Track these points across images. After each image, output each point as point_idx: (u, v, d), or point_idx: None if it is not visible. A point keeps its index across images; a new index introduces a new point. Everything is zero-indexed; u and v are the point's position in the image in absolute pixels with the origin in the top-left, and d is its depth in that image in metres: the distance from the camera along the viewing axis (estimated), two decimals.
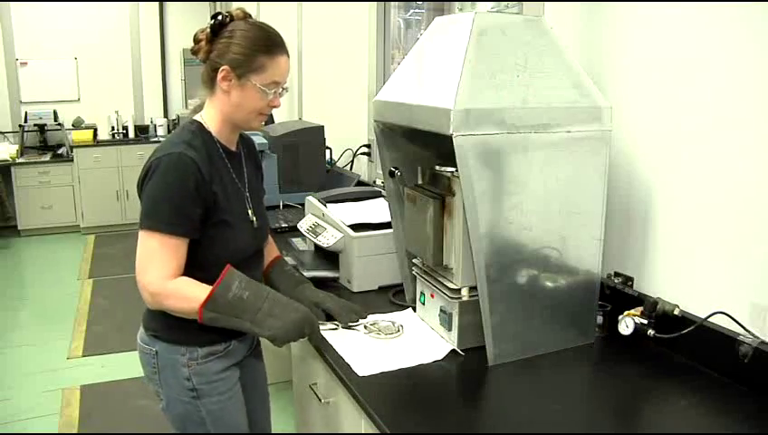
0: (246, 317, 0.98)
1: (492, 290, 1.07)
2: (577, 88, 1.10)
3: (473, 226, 1.04)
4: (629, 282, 1.25)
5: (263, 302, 0.98)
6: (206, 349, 1.12)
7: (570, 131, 1.09)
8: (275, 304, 0.99)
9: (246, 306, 0.98)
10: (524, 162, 1.06)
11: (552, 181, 1.09)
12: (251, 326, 0.99)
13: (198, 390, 1.12)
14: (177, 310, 1.02)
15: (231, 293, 0.97)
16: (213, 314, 0.98)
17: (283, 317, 0.97)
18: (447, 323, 1.17)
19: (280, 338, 0.99)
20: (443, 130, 1.01)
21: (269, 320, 0.98)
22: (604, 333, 1.23)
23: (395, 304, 1.41)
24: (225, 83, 1.06)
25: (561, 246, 1.13)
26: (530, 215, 1.08)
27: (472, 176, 1.02)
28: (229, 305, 0.98)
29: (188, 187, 1.01)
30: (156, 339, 1.12)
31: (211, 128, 1.10)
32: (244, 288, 0.99)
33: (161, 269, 1.00)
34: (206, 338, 1.12)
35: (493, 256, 1.06)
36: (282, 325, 0.97)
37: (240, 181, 1.14)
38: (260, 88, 1.05)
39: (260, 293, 1.00)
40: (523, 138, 1.05)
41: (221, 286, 0.98)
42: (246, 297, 0.98)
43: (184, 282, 1.02)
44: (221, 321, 0.99)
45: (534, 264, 1.11)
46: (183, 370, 1.12)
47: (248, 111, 1.07)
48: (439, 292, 1.20)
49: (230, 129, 1.12)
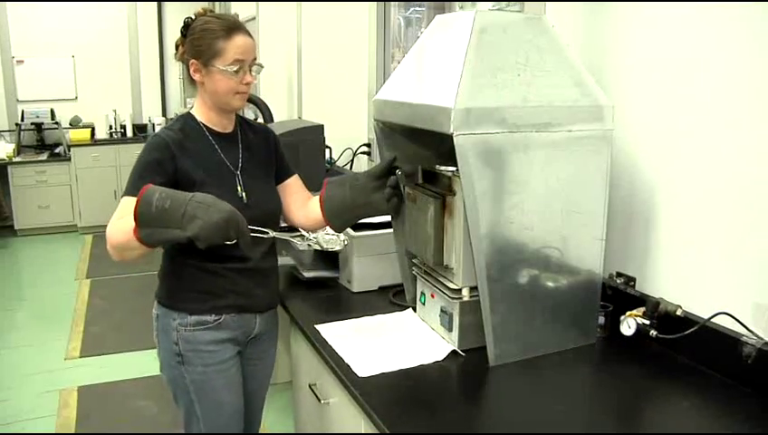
0: (174, 225, 0.99)
1: (493, 290, 1.08)
2: (578, 87, 1.10)
3: (473, 225, 1.04)
4: (631, 282, 1.25)
5: (185, 206, 0.98)
6: (195, 317, 1.21)
7: (571, 130, 1.09)
8: (198, 206, 0.98)
9: (171, 215, 0.98)
10: (525, 161, 1.06)
11: (553, 181, 1.09)
12: (180, 233, 0.99)
13: (184, 356, 1.21)
14: (124, 245, 1.04)
15: (153, 206, 0.98)
16: (148, 231, 1.00)
17: (205, 217, 0.97)
18: (448, 324, 1.18)
19: (201, 237, 0.97)
20: (443, 129, 1.01)
21: (192, 222, 0.97)
22: (606, 334, 1.23)
23: (395, 304, 1.42)
24: (197, 75, 1.18)
25: (563, 245, 1.13)
26: (531, 214, 1.08)
27: (473, 175, 1.02)
28: (156, 219, 0.99)
29: (151, 159, 1.13)
30: (159, 304, 1.25)
31: (199, 116, 1.22)
32: (165, 198, 0.99)
33: (111, 224, 1.08)
34: (196, 307, 1.20)
35: (493, 256, 1.07)
36: (202, 225, 0.97)
37: (230, 160, 1.22)
38: (223, 70, 1.15)
39: (182, 198, 1.00)
40: (524, 137, 1.05)
41: (141, 204, 0.99)
42: (168, 206, 0.98)
43: (122, 220, 1.06)
44: (156, 235, 1.00)
45: (535, 264, 1.11)
46: (173, 334, 1.21)
47: (223, 94, 1.17)
48: (440, 292, 1.21)
49: (218, 114, 1.22)
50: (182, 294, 1.21)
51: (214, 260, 1.19)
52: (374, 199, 1.19)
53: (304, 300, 1.45)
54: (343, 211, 1.23)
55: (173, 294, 1.22)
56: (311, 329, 1.27)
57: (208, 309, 1.21)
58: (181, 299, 1.21)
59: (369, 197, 1.19)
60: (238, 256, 1.21)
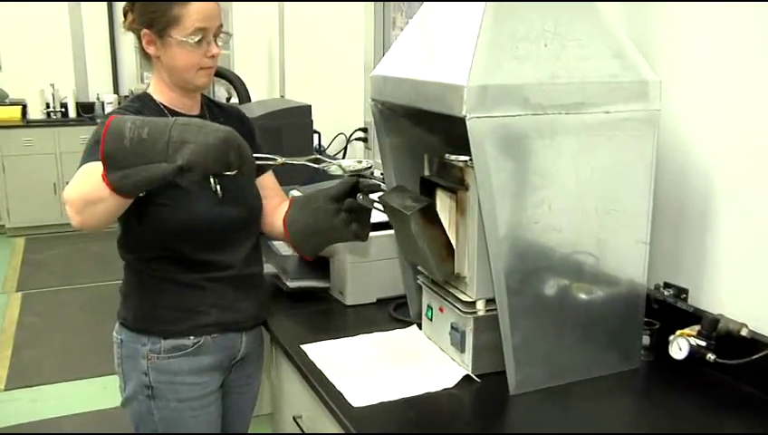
0: (157, 157, 0.92)
1: (513, 303, 1.11)
2: (618, 58, 1.13)
3: (490, 226, 1.08)
4: (683, 294, 1.29)
5: (168, 130, 0.92)
6: (170, 341, 1.22)
7: (609, 112, 1.12)
8: (186, 128, 0.93)
9: (151, 145, 0.92)
10: (553, 149, 1.10)
11: (586, 172, 1.13)
12: (166, 166, 0.92)
13: (155, 388, 1.22)
14: (87, 197, 0.98)
15: (126, 139, 0.92)
16: (120, 173, 0.93)
17: (198, 139, 0.92)
18: (460, 343, 1.21)
19: (195, 165, 0.92)
20: (454, 111, 1.04)
21: (181, 148, 0.91)
22: (651, 357, 1.26)
23: (397, 319, 1.45)
24: (151, 48, 1.19)
25: (598, 250, 1.16)
26: (559, 213, 1.12)
27: (489, 166, 1.05)
28: (132, 153, 0.92)
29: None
30: (123, 327, 1.26)
31: (158, 96, 1.25)
32: (140, 126, 0.93)
33: (69, 185, 1.03)
34: (171, 328, 1.22)
35: (514, 263, 1.10)
36: (195, 149, 0.91)
37: None
38: (182, 41, 1.15)
39: (162, 123, 0.94)
40: (552, 120, 1.08)
41: (109, 138, 0.93)
42: (147, 134, 0.92)
43: (85, 166, 1.03)
44: (133, 175, 0.93)
45: (565, 272, 1.14)
46: (142, 362, 1.22)
47: (184, 70, 1.19)
48: (450, 305, 1.24)
49: (180, 93, 1.25)
50: (153, 314, 1.24)
51: (190, 270, 1.23)
52: (336, 225, 1.20)
53: (288, 315, 1.48)
54: (310, 236, 1.26)
55: (142, 315, 1.24)
56: (295, 350, 1.30)
57: (186, 330, 1.23)
58: (152, 320, 1.24)
59: (331, 221, 1.21)
60: (218, 263, 1.24)
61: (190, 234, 1.21)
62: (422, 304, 1.36)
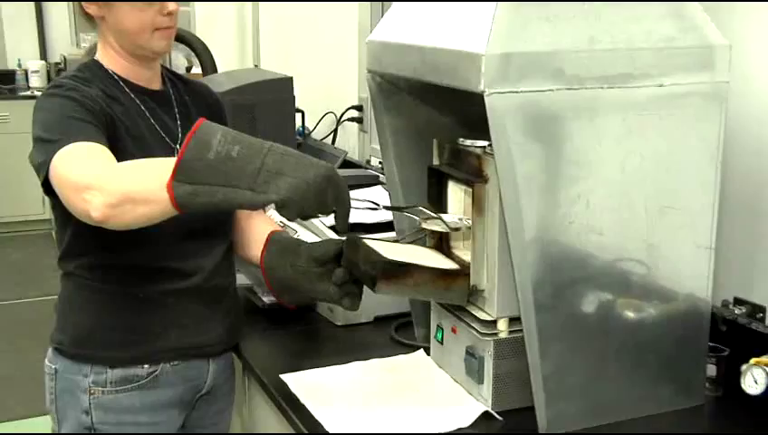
0: (243, 182, 0.99)
1: (543, 323, 1.12)
2: (675, 18, 1.14)
3: (515, 227, 1.09)
4: (759, 313, 1.30)
5: (263, 156, 0.99)
6: (119, 371, 1.23)
7: (663, 85, 1.13)
8: (285, 158, 1.00)
9: (240, 166, 0.99)
10: (593, 132, 1.11)
11: (634, 161, 1.14)
12: (252, 196, 0.99)
13: (97, 430, 1.22)
14: (134, 194, 1.03)
15: (212, 151, 0.99)
16: (189, 188, 0.99)
17: (297, 174, 0.99)
18: (477, 373, 1.23)
19: (290, 201, 0.99)
20: (470, 85, 1.05)
21: (276, 180, 0.98)
22: (718, 392, 1.27)
23: (399, 342, 1.47)
24: (92, 8, 1.22)
25: (649, 257, 1.18)
26: (600, 211, 1.13)
27: (513, 153, 1.07)
28: (213, 170, 0.99)
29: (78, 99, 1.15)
30: (58, 354, 1.27)
31: (110, 65, 1.27)
32: (231, 142, 1.00)
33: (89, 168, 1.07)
34: (120, 355, 1.22)
35: (545, 273, 1.11)
36: (294, 184, 0.98)
37: (165, 131, 1.28)
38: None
39: (257, 146, 1.01)
40: (592, 96, 1.10)
41: (193, 143, 0.99)
42: (238, 154, 0.99)
43: (138, 163, 1.09)
44: (205, 196, 0.99)
45: (608, 284, 1.16)
46: (82, 398, 1.23)
47: (135, 33, 1.22)
48: (465, 325, 1.25)
49: (134, 62, 1.27)
50: (98, 337, 1.25)
51: (146, 280, 1.24)
52: (321, 291, 1.22)
53: (265, 338, 1.50)
54: (291, 290, 1.28)
55: (83, 337, 1.25)
56: (274, 380, 1.32)
57: (140, 357, 1.25)
58: (97, 344, 1.24)
59: (314, 285, 1.23)
60: (180, 272, 1.26)
61: (149, 236, 1.21)
62: (431, 324, 1.38)
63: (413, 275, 1.18)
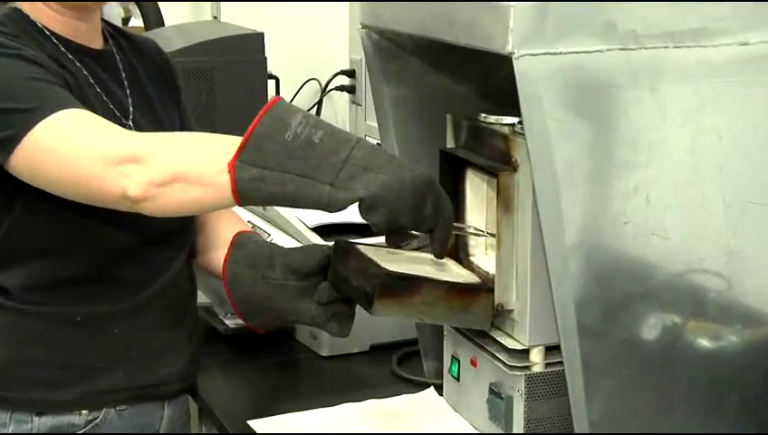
0: (323, 174, 1.03)
1: (590, 353, 1.12)
2: None
3: (553, 229, 1.09)
4: None
5: (351, 147, 1.04)
6: (48, 419, 1.23)
7: (748, 43, 1.14)
8: (375, 153, 1.06)
9: (322, 154, 1.03)
10: (654, 105, 1.11)
11: (709, 142, 1.14)
12: (332, 191, 1.02)
13: None
14: (186, 173, 1.07)
15: (290, 132, 1.04)
16: (256, 172, 1.03)
17: (391, 171, 1.03)
18: (504, 417, 1.24)
19: (382, 200, 1.02)
20: (495, 45, 1.06)
21: (365, 176, 1.02)
22: None
23: (402, 378, 1.48)
24: None
25: (729, 268, 1.18)
26: (665, 208, 1.14)
27: (550, 133, 1.07)
28: (288, 154, 1.03)
29: (29, 58, 1.17)
30: None
31: (39, 17, 1.26)
32: (314, 125, 1.05)
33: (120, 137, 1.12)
34: (50, 397, 1.22)
35: (591, 288, 1.12)
36: (387, 181, 1.02)
37: (112, 99, 1.29)
38: None
39: (343, 135, 1.07)
40: (653, 58, 1.10)
41: (268, 119, 1.05)
42: (321, 139, 1.04)
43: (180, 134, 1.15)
44: (271, 183, 1.03)
45: (675, 303, 1.16)
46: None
47: None
48: (488, 356, 1.26)
49: (66, 13, 1.26)
50: (18, 374, 1.23)
51: (85, 298, 1.24)
52: (301, 311, 1.24)
53: (228, 374, 1.52)
54: (262, 310, 1.29)
55: (2, 376, 1.24)
56: (239, 428, 1.33)
57: (76, 401, 1.24)
58: (16, 384, 1.23)
59: (292, 303, 1.24)
60: (129, 285, 1.27)
61: (90, 243, 1.22)
62: (443, 355, 1.39)
63: (421, 291, 1.19)
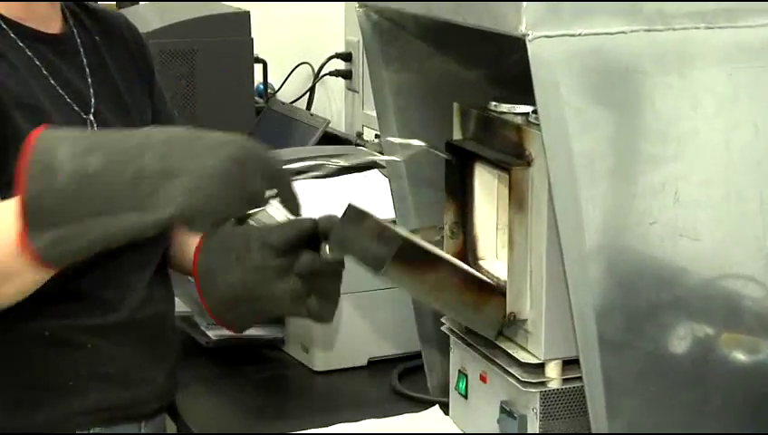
0: (120, 202, 0.97)
1: (612, 367, 1.12)
2: None
3: (571, 229, 1.09)
4: None
5: (139, 156, 0.97)
6: None
7: None
8: (170, 148, 0.98)
9: (107, 181, 0.97)
10: (684, 93, 1.12)
11: (744, 134, 1.15)
12: (139, 218, 0.97)
13: None
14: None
15: (60, 172, 0.96)
16: (51, 234, 0.96)
17: (192, 167, 0.96)
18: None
19: (194, 211, 0.97)
20: (505, 26, 1.06)
21: (165, 184, 0.96)
22: None
23: (404, 395, 1.49)
24: None
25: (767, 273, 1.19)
26: (696, 207, 1.14)
27: (568, 123, 1.07)
28: (71, 200, 0.97)
29: None
30: None
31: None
32: (86, 149, 0.98)
33: None
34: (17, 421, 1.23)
35: (614, 295, 1.12)
36: (189, 185, 0.96)
37: (69, 91, 1.29)
38: None
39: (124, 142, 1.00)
40: (681, 39, 1.10)
41: (31, 169, 0.96)
42: (100, 164, 0.96)
43: None
44: (74, 240, 0.98)
45: (706, 312, 1.17)
46: None
47: None
48: (499, 371, 1.27)
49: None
50: None
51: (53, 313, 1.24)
52: (278, 295, 1.21)
53: (210, 390, 1.53)
54: (235, 304, 1.27)
55: None
56: None
57: (46, 423, 1.24)
58: None
59: (270, 287, 1.21)
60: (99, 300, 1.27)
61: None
62: (449, 369, 1.39)
63: (438, 269, 1.19)
